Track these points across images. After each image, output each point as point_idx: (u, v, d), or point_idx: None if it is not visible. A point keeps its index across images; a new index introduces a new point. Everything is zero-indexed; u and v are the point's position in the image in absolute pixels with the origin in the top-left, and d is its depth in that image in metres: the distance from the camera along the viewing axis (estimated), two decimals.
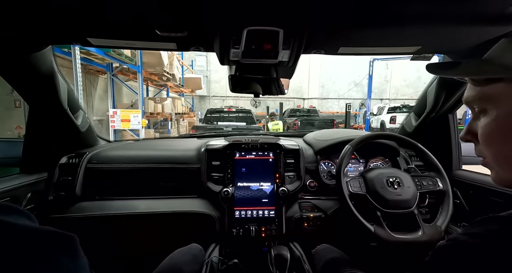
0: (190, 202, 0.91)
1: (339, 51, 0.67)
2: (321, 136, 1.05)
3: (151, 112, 5.72)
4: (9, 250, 0.19)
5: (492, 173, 0.33)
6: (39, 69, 0.66)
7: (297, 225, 0.89)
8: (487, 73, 0.30)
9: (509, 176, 0.31)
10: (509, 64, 0.27)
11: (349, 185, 0.77)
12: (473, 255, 0.24)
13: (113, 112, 4.73)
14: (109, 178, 0.91)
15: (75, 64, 3.24)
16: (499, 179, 0.32)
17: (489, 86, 0.30)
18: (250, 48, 0.60)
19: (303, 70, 12.00)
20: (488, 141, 0.31)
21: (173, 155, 0.97)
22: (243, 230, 0.86)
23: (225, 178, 0.92)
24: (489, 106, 0.30)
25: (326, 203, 0.92)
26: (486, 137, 0.31)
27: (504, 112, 0.29)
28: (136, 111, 4.89)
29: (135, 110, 5.06)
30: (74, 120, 0.86)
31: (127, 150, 1.01)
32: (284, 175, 0.93)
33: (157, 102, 5.97)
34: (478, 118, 0.32)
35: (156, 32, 0.56)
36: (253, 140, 0.97)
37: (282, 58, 0.65)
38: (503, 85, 0.29)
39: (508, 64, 0.28)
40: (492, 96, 0.30)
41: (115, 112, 4.74)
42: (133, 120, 4.79)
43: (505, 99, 0.29)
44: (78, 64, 3.28)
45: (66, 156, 0.91)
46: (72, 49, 3.20)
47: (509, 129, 0.29)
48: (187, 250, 0.76)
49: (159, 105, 5.95)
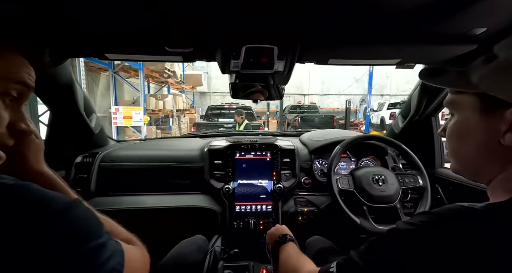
0: (195, 197, 1.00)
1: (329, 62, 0.74)
2: (315, 136, 1.13)
3: (153, 109, 5.78)
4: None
5: (450, 164, 0.42)
6: (60, 80, 0.74)
7: (292, 218, 0.97)
8: (457, 86, 0.37)
9: (457, 167, 0.40)
10: (473, 81, 0.34)
11: (338, 182, 0.86)
12: (402, 237, 0.33)
13: (115, 109, 4.79)
14: (120, 175, 1.00)
15: (78, 62, 3.30)
16: (452, 168, 0.41)
17: (458, 95, 0.37)
18: (249, 61, 0.67)
19: (304, 66, 11.93)
20: (449, 138, 0.39)
21: (178, 155, 1.05)
22: (243, 223, 0.95)
23: (226, 176, 1.00)
24: (455, 111, 0.38)
25: (319, 198, 1.00)
26: (448, 135, 0.39)
27: (461, 118, 0.37)
28: (138, 108, 4.95)
29: (137, 107, 5.12)
30: (89, 123, 0.94)
31: (135, 150, 1.09)
32: (280, 173, 1.01)
33: (158, 99, 6.03)
34: (450, 119, 0.39)
35: (165, 49, 0.63)
36: (252, 140, 1.05)
37: (277, 69, 0.73)
38: (465, 97, 0.36)
39: (472, 81, 0.34)
40: (458, 104, 0.37)
41: (117, 109, 4.80)
42: (135, 117, 4.84)
43: (464, 108, 0.36)
44: (81, 62, 3.34)
45: (81, 156, 1.00)
46: None
47: (462, 132, 0.37)
48: (193, 241, 0.84)
49: (160, 102, 6.01)
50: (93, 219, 0.30)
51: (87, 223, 0.28)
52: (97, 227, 0.29)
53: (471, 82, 0.34)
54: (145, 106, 5.39)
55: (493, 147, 0.33)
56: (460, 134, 0.37)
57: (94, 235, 0.28)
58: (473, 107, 0.35)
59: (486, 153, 0.34)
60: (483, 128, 0.34)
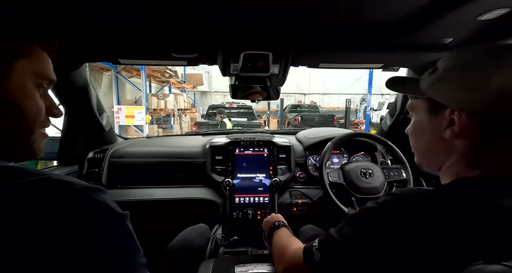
0: (198, 190, 1.08)
1: (319, 66, 0.82)
2: (310, 134, 1.21)
3: (154, 108, 5.86)
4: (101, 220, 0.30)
5: (415, 157, 0.49)
6: (77, 83, 0.82)
7: (288, 209, 1.05)
8: (412, 92, 0.45)
9: (418, 159, 0.47)
10: (423, 89, 0.42)
11: (329, 176, 0.93)
12: (369, 213, 0.40)
13: (117, 108, 4.87)
14: (128, 170, 1.08)
15: None
16: (415, 160, 0.49)
17: (415, 100, 0.45)
18: (247, 65, 0.75)
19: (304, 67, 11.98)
20: (410, 135, 0.47)
21: (182, 151, 1.13)
22: (242, 213, 1.03)
23: (226, 170, 1.08)
24: (413, 113, 0.46)
25: (312, 191, 1.08)
26: (409, 133, 0.47)
27: (417, 119, 0.45)
28: (140, 108, 5.03)
29: (139, 106, 5.21)
30: (101, 121, 1.02)
31: (142, 147, 1.17)
32: (277, 168, 1.09)
33: (160, 99, 6.11)
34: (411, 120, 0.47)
35: (172, 54, 0.71)
36: (250, 138, 1.13)
37: (273, 72, 0.80)
38: (419, 101, 0.44)
39: (422, 89, 0.42)
40: (414, 107, 0.45)
41: (119, 109, 4.88)
42: (137, 116, 4.92)
43: (419, 111, 0.44)
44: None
45: (93, 152, 1.08)
46: None
47: (418, 130, 0.45)
48: (197, 228, 0.93)
49: (162, 101, 6.09)
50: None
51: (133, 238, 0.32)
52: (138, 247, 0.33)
53: (422, 89, 0.42)
54: (147, 106, 5.48)
55: (439, 141, 0.41)
56: (417, 131, 0.45)
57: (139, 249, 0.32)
58: (424, 109, 0.43)
59: (435, 146, 0.42)
60: (432, 126, 0.42)
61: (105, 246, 0.28)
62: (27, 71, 0.34)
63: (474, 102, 0.37)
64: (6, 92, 0.32)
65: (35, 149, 0.35)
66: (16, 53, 0.34)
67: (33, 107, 0.34)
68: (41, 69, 0.36)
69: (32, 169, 0.29)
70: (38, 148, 0.36)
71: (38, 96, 0.36)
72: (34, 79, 0.35)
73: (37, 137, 0.35)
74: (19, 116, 0.33)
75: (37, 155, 0.36)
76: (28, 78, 0.34)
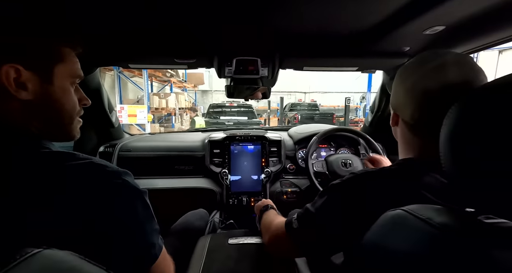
0: (197, 180, 1.20)
1: (303, 69, 0.94)
2: (300, 130, 1.32)
3: (156, 107, 5.98)
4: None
5: None
6: (91, 85, 0.94)
7: (278, 197, 1.17)
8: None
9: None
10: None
11: (314, 166, 1.05)
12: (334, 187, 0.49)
13: (120, 107, 4.97)
14: (135, 162, 1.20)
15: None
16: None
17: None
18: (239, 68, 0.87)
19: None
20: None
21: (184, 145, 1.25)
22: (237, 200, 1.15)
23: (223, 162, 1.20)
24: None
25: (301, 181, 1.20)
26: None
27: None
28: (142, 107, 5.14)
29: (141, 105, 5.33)
30: (111, 119, 1.14)
31: (148, 142, 1.29)
32: (268, 160, 1.21)
33: (162, 98, 6.22)
34: None
35: (174, 60, 0.83)
36: (245, 133, 1.25)
37: (263, 74, 0.92)
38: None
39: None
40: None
41: (122, 108, 4.98)
42: (139, 115, 5.01)
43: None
44: None
45: (103, 146, 1.20)
46: None
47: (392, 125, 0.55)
48: (197, 212, 1.05)
49: (163, 100, 6.20)
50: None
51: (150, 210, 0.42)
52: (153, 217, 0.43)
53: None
54: (148, 105, 5.60)
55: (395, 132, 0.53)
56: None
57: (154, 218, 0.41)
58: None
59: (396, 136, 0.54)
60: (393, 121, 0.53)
61: (133, 213, 0.38)
62: (64, 73, 0.42)
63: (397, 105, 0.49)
64: (51, 94, 0.41)
65: (75, 133, 0.46)
66: (54, 58, 0.40)
67: (71, 102, 0.44)
68: (74, 70, 0.44)
69: (80, 154, 0.38)
70: (77, 132, 0.47)
71: (72, 92, 0.44)
72: (70, 79, 0.43)
73: (76, 124, 0.46)
74: (62, 110, 0.43)
75: (76, 137, 0.46)
76: (65, 80, 0.42)
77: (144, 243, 0.40)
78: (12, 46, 0.37)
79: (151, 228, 0.42)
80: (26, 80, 0.38)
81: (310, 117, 7.86)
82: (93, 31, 0.65)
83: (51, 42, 0.41)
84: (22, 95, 0.38)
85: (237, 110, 6.54)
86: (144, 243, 0.40)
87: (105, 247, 0.36)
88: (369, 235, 0.37)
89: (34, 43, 0.39)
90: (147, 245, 0.40)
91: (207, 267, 0.60)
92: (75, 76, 0.44)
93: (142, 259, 0.40)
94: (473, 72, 0.42)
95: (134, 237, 0.39)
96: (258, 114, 7.45)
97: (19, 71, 0.37)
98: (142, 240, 0.40)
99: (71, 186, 0.35)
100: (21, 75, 0.37)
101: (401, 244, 0.32)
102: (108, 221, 0.36)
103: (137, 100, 6.21)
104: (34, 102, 0.39)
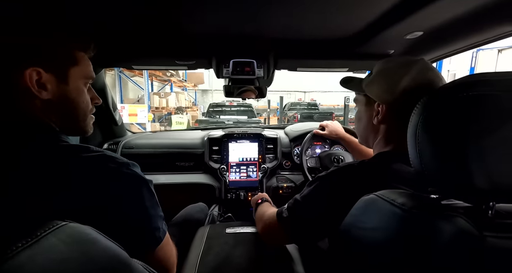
0: (197, 176, 1.26)
1: (297, 69, 0.99)
2: (295, 128, 1.38)
3: (156, 107, 6.03)
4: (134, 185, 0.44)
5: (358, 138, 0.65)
6: (96, 85, 0.99)
7: (274, 192, 1.23)
8: (356, 90, 0.61)
9: (360, 140, 0.63)
10: (363, 87, 0.57)
11: (308, 162, 1.11)
12: (320, 178, 0.54)
13: (121, 107, 5.01)
14: (137, 159, 1.25)
15: None
16: (358, 141, 0.65)
17: (358, 95, 0.61)
18: (236, 69, 0.92)
19: None
20: (354, 122, 0.64)
21: (184, 143, 1.30)
22: (235, 195, 1.21)
23: (222, 158, 1.26)
24: (357, 105, 0.62)
25: (296, 177, 1.26)
26: (355, 120, 0.64)
27: (359, 109, 0.61)
28: (143, 106, 5.21)
29: (142, 105, 5.38)
30: (115, 117, 1.20)
31: (149, 139, 1.35)
32: (265, 156, 1.27)
33: (162, 97, 6.27)
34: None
35: (175, 61, 0.89)
36: (243, 131, 1.30)
37: (259, 75, 0.97)
38: (361, 96, 0.60)
39: (362, 87, 0.57)
40: (357, 100, 0.62)
41: (123, 107, 5.02)
42: (139, 114, 5.05)
43: (360, 103, 0.61)
44: None
45: (107, 143, 1.26)
46: None
47: (359, 118, 0.61)
48: (197, 205, 1.10)
49: (164, 100, 6.25)
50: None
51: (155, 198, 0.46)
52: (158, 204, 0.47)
53: (362, 87, 0.59)
54: (149, 104, 5.65)
55: (371, 126, 0.58)
56: (358, 119, 0.62)
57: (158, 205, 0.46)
58: (363, 102, 0.60)
59: (369, 129, 0.59)
60: (367, 115, 0.59)
61: (140, 199, 0.43)
62: (78, 75, 0.47)
63: (388, 98, 0.54)
64: (67, 93, 0.47)
65: (88, 129, 0.52)
66: (70, 62, 0.46)
67: (85, 100, 0.49)
68: (87, 72, 0.49)
69: (94, 147, 0.43)
70: (90, 127, 0.53)
71: (86, 91, 0.49)
72: (83, 80, 0.48)
73: (89, 120, 0.52)
74: (77, 108, 0.48)
75: (89, 132, 0.52)
76: (80, 80, 0.47)
77: (149, 226, 0.45)
78: (34, 49, 0.43)
79: (156, 213, 0.47)
80: (46, 81, 0.43)
81: (310, 116, 7.91)
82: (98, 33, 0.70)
83: (69, 48, 0.46)
84: (43, 94, 0.43)
85: (237, 110, 6.59)
86: (149, 225, 0.45)
87: (114, 227, 0.40)
88: (347, 218, 0.43)
89: (53, 48, 0.45)
90: (152, 228, 0.45)
91: (206, 251, 0.66)
92: (88, 77, 0.50)
93: (148, 240, 0.45)
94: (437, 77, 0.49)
95: (140, 219, 0.44)
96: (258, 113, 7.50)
97: (40, 73, 0.42)
98: (148, 223, 0.45)
99: (86, 173, 0.40)
100: (42, 77, 0.43)
101: (369, 222, 0.38)
102: (118, 204, 0.41)
103: (137, 100, 6.25)
104: (53, 101, 0.45)
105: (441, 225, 0.29)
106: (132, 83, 6.24)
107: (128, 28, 0.67)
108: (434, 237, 0.29)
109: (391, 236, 0.34)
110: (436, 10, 0.52)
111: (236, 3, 0.52)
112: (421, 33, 0.63)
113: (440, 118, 0.31)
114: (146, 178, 0.47)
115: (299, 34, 0.70)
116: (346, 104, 8.51)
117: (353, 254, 0.41)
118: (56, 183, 0.38)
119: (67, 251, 0.26)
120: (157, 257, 0.47)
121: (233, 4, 0.53)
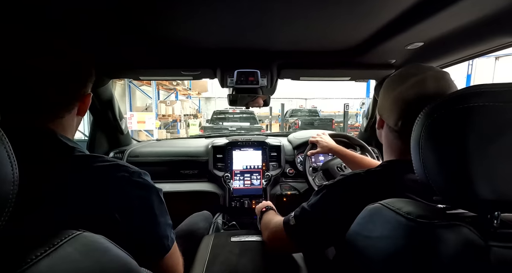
0: (202, 184, 1.26)
1: (300, 78, 1.01)
2: (298, 135, 1.39)
3: (163, 114, 6.15)
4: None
5: None
6: (104, 96, 1.03)
7: (278, 200, 1.22)
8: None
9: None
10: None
11: (311, 170, 1.10)
12: (327, 186, 0.54)
13: (130, 114, 5.14)
14: (143, 167, 1.27)
15: None
16: None
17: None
18: (240, 79, 0.95)
19: None
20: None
21: (188, 151, 1.32)
22: (239, 203, 1.21)
23: (226, 166, 1.26)
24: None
25: (300, 184, 1.25)
26: None
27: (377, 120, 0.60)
28: (150, 113, 5.33)
29: (149, 112, 5.50)
30: (121, 127, 1.23)
31: (154, 147, 1.37)
32: (269, 164, 1.27)
33: (168, 105, 6.40)
34: None
35: (181, 72, 0.92)
36: (247, 139, 1.32)
37: (262, 84, 1.00)
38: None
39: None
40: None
41: (132, 115, 5.14)
42: (147, 121, 5.16)
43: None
44: None
45: (113, 152, 1.28)
46: None
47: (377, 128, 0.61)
48: (201, 214, 1.10)
49: (170, 108, 6.37)
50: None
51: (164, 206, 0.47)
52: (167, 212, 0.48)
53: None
54: (156, 112, 5.76)
55: (379, 132, 0.59)
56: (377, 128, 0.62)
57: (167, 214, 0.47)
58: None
59: (379, 135, 0.60)
60: (379, 125, 0.59)
61: (150, 206, 0.44)
62: (90, 86, 0.50)
63: (380, 108, 0.55)
64: (87, 102, 0.50)
65: None
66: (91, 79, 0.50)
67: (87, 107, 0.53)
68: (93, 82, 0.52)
69: (107, 157, 0.45)
70: None
71: None
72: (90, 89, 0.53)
73: None
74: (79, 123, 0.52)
75: None
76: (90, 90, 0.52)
77: (158, 234, 0.46)
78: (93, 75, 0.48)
79: (165, 221, 0.48)
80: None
81: (310, 123, 7.89)
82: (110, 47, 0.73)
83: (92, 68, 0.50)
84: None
85: (240, 116, 6.65)
86: (158, 233, 0.46)
87: (125, 236, 0.41)
88: (352, 227, 0.43)
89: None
90: (161, 236, 0.46)
91: (211, 261, 0.66)
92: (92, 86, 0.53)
93: (156, 248, 0.46)
94: (448, 86, 0.48)
95: (150, 227, 0.45)
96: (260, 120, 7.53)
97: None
98: (157, 231, 0.46)
99: (100, 181, 0.42)
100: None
101: (375, 231, 0.38)
102: (129, 213, 0.42)
103: (145, 108, 6.39)
104: (81, 117, 0.50)
105: (446, 235, 0.29)
106: (140, 92, 6.39)
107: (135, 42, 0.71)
108: (439, 247, 0.29)
109: (396, 245, 0.34)
110: (436, 22, 0.54)
111: (240, 17, 0.55)
112: (421, 43, 0.65)
113: (441, 130, 0.31)
114: (157, 187, 0.48)
115: (302, 45, 0.73)
116: (345, 111, 8.48)
117: (358, 262, 0.41)
118: (71, 192, 0.40)
119: (82, 260, 0.27)
120: (165, 265, 0.47)
121: (237, 18, 0.56)
